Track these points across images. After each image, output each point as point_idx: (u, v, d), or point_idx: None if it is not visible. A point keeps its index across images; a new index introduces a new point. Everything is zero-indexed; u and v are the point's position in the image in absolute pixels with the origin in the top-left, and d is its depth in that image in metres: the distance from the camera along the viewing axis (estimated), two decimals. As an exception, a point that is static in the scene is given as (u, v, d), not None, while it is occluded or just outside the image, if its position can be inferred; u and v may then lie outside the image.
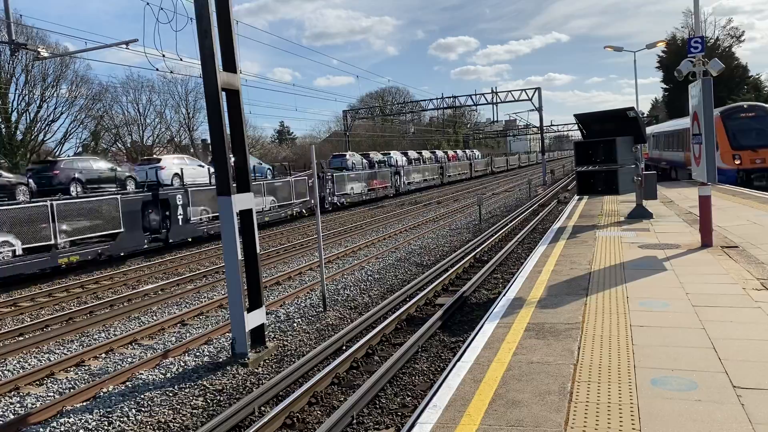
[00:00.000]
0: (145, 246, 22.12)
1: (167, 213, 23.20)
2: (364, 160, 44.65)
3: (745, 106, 25.86)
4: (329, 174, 36.99)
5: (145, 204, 22.40)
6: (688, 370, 5.34)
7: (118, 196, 21.15)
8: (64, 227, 18.65)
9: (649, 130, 41.62)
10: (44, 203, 18.24)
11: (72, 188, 21.44)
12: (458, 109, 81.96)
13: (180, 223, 23.63)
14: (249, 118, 61.67)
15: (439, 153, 64.56)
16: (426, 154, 60.51)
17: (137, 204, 21.95)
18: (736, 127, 24.58)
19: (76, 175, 21.98)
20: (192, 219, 24.32)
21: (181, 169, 26.15)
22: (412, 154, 56.40)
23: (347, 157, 42.89)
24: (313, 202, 33.65)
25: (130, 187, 24.13)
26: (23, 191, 20.04)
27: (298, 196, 32.89)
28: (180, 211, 23.63)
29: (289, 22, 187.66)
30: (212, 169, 24.27)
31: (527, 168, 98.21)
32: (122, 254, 20.98)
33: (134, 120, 58.56)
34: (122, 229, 20.72)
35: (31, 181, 20.76)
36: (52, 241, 18.21)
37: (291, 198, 32.30)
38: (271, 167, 35.44)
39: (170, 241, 23.21)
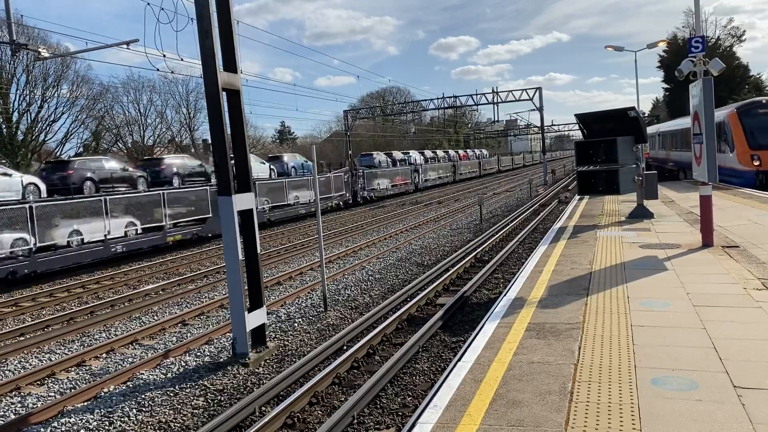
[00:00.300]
0: None
1: None
2: (388, 159, 49.05)
3: (763, 101, 23.41)
4: (360, 171, 41.15)
5: None
6: (689, 370, 5.34)
7: (208, 188, 25.21)
8: (169, 212, 22.87)
9: (655, 128, 39.17)
10: (158, 192, 22.80)
11: (174, 181, 25.79)
12: (459, 109, 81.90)
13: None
14: (250, 118, 61.89)
15: (451, 152, 68.56)
16: (440, 153, 64.35)
17: None
18: (755, 124, 22.17)
19: (176, 170, 26.22)
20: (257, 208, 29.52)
21: None
22: (428, 153, 60.25)
23: (374, 155, 47.77)
24: (347, 195, 39.05)
25: (214, 179, 27.23)
26: (142, 182, 24.20)
27: (336, 190, 37.19)
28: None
29: (289, 22, 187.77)
30: (272, 166, 29.89)
31: (528, 168, 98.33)
32: (210, 235, 25.14)
33: (135, 120, 58.58)
34: (210, 215, 24.81)
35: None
36: (163, 223, 22.62)
37: (331, 192, 36.59)
38: (307, 161, 38.24)
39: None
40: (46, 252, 18.13)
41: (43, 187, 20.23)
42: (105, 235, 19.99)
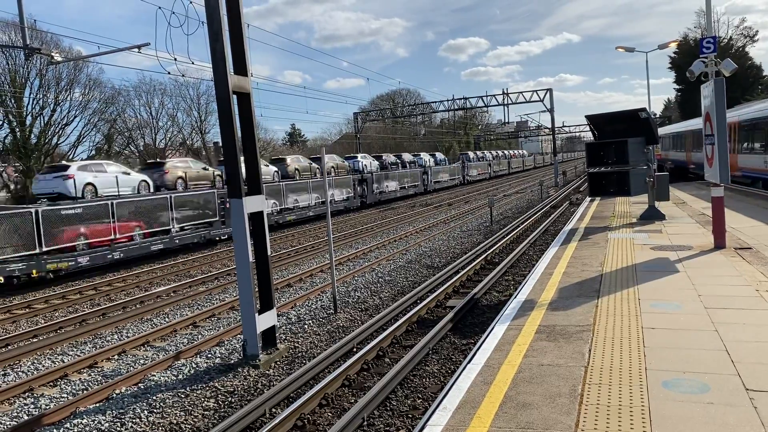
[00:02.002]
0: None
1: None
2: (476, 155, 73.65)
3: None
4: (466, 163, 64.37)
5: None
6: (700, 373, 5.30)
7: (419, 170, 51.22)
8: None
9: (697, 121, 32.78)
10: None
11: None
12: (469, 110, 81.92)
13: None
14: (260, 121, 62.38)
15: (506, 152, 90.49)
16: (499, 152, 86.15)
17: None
18: None
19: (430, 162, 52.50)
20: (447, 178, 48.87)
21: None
22: (494, 152, 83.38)
23: (469, 153, 72.62)
24: (461, 178, 61.47)
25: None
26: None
27: (458, 173, 61.04)
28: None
29: (298, 24, 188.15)
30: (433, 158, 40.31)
31: (539, 169, 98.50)
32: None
33: (147, 123, 58.89)
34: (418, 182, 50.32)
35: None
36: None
37: (455, 175, 59.84)
38: (445, 158, 63.04)
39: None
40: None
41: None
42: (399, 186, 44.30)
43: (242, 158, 9.97)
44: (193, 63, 15.04)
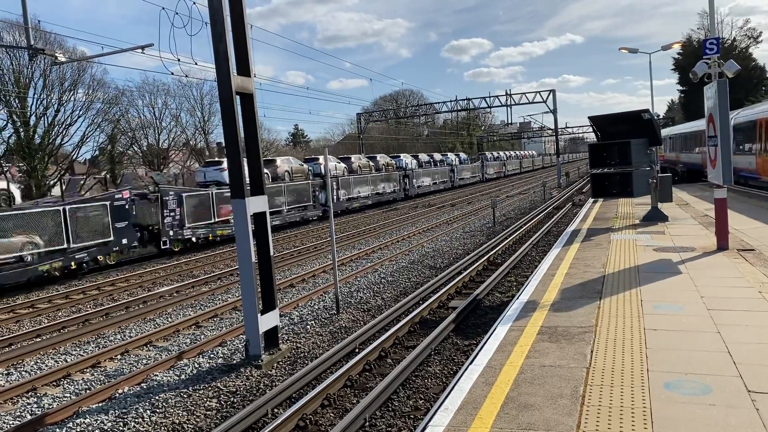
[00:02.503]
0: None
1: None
2: (492, 155, 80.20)
3: None
4: (485, 162, 71.76)
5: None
6: (702, 374, 5.30)
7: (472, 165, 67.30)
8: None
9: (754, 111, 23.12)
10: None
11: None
12: (472, 111, 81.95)
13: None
14: (263, 122, 62.47)
15: (518, 152, 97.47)
16: (512, 153, 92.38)
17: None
18: None
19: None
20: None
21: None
22: (508, 153, 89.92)
23: (486, 153, 78.90)
24: (480, 175, 67.96)
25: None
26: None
27: (478, 171, 68.11)
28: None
29: (301, 25, 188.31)
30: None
31: (545, 169, 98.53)
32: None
33: (150, 123, 58.89)
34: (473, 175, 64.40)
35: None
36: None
37: (476, 173, 66.92)
38: (467, 157, 70.90)
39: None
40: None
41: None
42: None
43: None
44: (196, 64, 15.09)
